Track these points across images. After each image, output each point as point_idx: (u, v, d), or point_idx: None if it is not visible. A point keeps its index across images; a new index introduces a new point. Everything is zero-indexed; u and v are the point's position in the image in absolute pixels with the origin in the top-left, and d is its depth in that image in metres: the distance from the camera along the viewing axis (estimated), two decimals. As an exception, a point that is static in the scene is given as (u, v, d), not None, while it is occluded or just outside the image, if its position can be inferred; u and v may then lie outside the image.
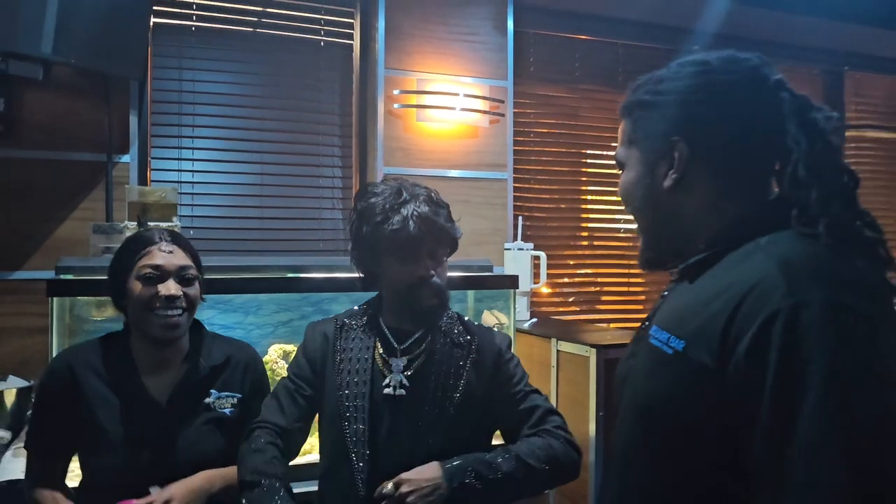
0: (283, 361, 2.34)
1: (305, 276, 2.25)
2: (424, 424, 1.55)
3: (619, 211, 3.70)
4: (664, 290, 1.14)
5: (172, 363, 1.68)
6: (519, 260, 2.86)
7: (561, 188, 3.70)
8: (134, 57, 2.64)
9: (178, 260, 1.63)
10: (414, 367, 1.62)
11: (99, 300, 2.18)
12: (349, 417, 1.56)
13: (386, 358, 1.63)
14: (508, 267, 2.87)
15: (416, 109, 3.17)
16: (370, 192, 1.62)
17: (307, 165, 3.18)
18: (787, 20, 3.92)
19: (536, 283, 2.93)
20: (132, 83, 2.78)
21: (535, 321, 2.87)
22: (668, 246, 1.10)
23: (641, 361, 1.04)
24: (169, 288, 1.59)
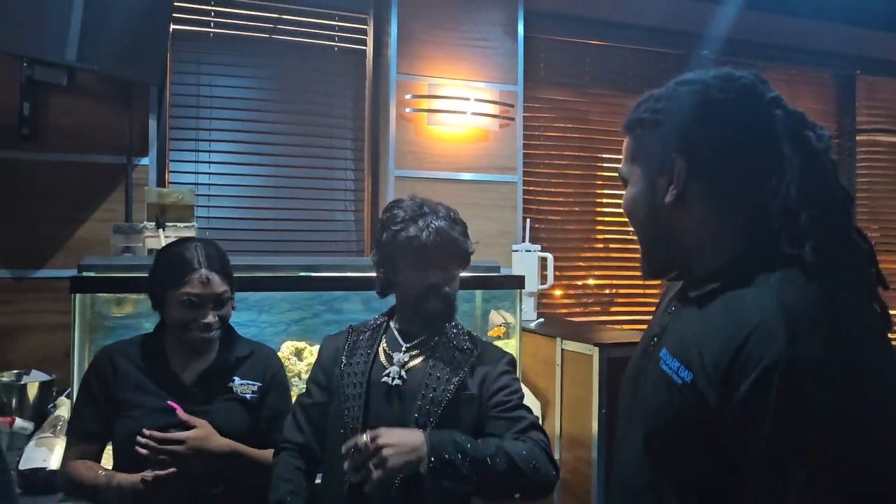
0: (294, 358, 2.42)
1: (317, 275, 2.31)
2: (416, 415, 1.61)
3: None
4: (669, 301, 1.17)
5: (202, 355, 1.83)
6: (526, 261, 2.92)
7: (575, 191, 3.74)
8: (154, 63, 2.74)
9: (215, 288, 1.75)
10: (415, 361, 1.71)
11: (118, 297, 2.26)
12: (348, 405, 1.66)
13: (389, 353, 1.72)
14: (516, 268, 2.93)
15: (427, 113, 3.23)
16: (396, 205, 1.75)
17: (320, 168, 3.26)
18: (798, 24, 3.96)
19: (544, 284, 2.97)
20: (152, 88, 2.87)
21: (541, 321, 2.92)
22: (668, 259, 1.13)
23: (651, 383, 1.07)
24: (206, 316, 1.74)
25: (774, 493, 0.85)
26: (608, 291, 3.79)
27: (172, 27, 2.95)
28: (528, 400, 2.54)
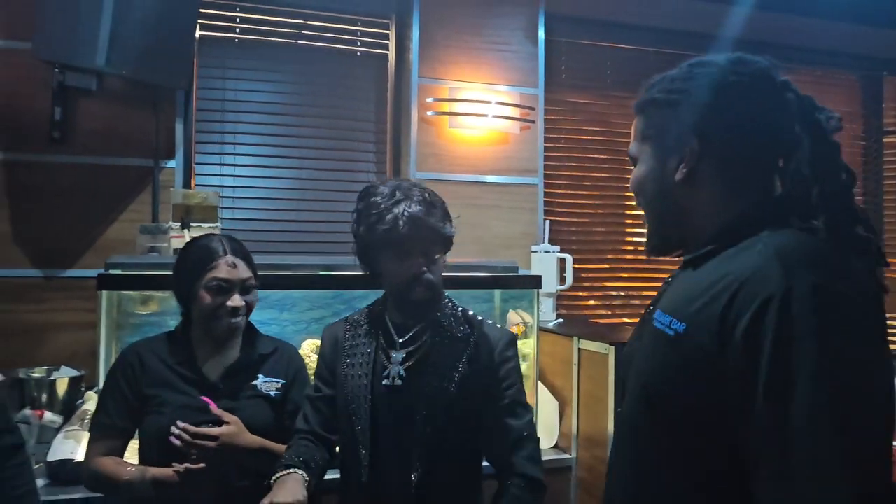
0: (314, 356, 2.45)
1: (336, 273, 2.35)
2: (420, 415, 1.62)
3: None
4: (668, 277, 1.20)
5: (227, 351, 1.86)
6: (545, 262, 2.93)
7: (599, 193, 3.74)
8: (180, 68, 2.81)
9: (241, 273, 1.81)
10: (413, 359, 1.69)
11: (144, 295, 2.33)
12: (354, 409, 1.66)
13: (387, 350, 1.71)
14: (535, 269, 2.94)
15: (448, 116, 3.26)
16: (369, 192, 1.69)
17: (343, 171, 3.30)
18: (822, 26, 3.92)
19: (563, 285, 2.98)
20: (178, 93, 2.94)
21: (560, 321, 2.93)
22: (675, 236, 1.16)
23: (645, 343, 1.10)
24: (234, 300, 1.78)
25: (780, 412, 0.86)
26: (636, 294, 3.78)
27: (199, 33, 3.03)
28: (545, 399, 2.57)
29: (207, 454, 1.67)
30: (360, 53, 3.34)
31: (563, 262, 2.98)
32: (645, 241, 1.21)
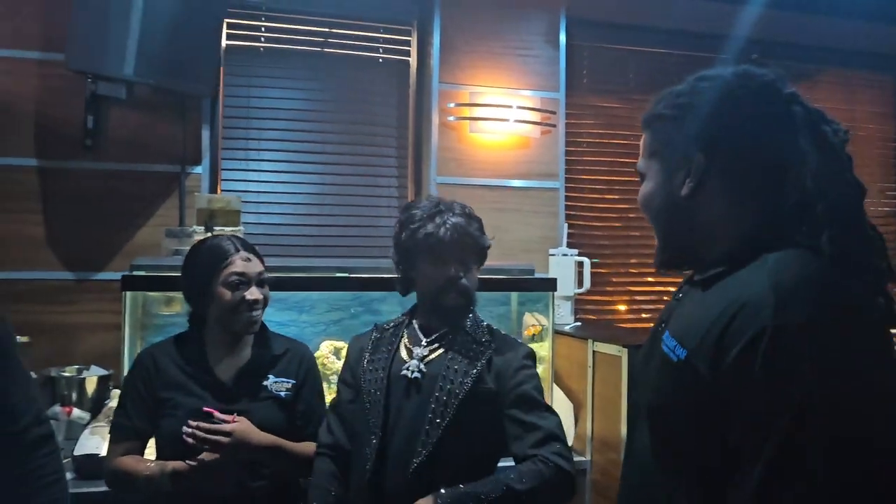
0: (333, 357, 2.51)
1: (353, 276, 2.40)
2: (434, 406, 1.67)
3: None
4: (678, 290, 1.20)
5: (239, 352, 1.91)
6: (563, 265, 2.94)
7: (621, 197, 3.73)
8: (207, 77, 2.89)
9: (256, 267, 1.87)
10: (434, 354, 1.76)
11: (167, 296, 2.40)
12: (370, 399, 1.73)
13: (410, 347, 1.79)
14: (553, 272, 2.95)
15: (468, 121, 3.30)
16: (412, 205, 1.83)
17: (365, 175, 3.36)
18: (852, 27, 3.86)
19: (580, 288, 2.99)
20: (205, 100, 3.03)
21: (578, 324, 2.94)
22: (683, 251, 1.15)
23: (654, 365, 1.10)
24: (253, 293, 1.84)
25: (757, 447, 0.88)
26: (662, 298, 3.76)
27: (225, 43, 3.11)
28: (560, 402, 2.58)
29: (220, 450, 1.72)
30: (381, 60, 3.39)
31: (581, 265, 2.98)
32: (654, 256, 1.21)
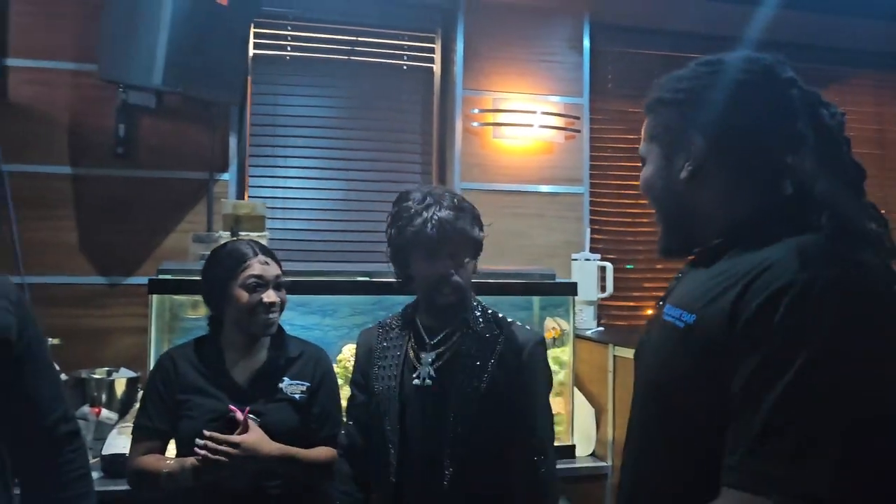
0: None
1: (374, 279, 2.42)
2: (452, 414, 1.66)
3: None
4: (678, 273, 1.20)
5: (255, 355, 1.94)
6: (585, 270, 2.94)
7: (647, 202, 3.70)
8: (234, 85, 2.96)
9: (273, 270, 1.91)
10: (442, 360, 1.73)
11: (193, 300, 2.45)
12: (384, 410, 1.72)
13: (417, 352, 1.76)
14: (575, 277, 2.94)
15: (492, 127, 3.31)
16: (402, 198, 1.77)
17: (390, 181, 3.38)
18: (882, 28, 3.80)
19: (603, 293, 2.98)
20: (232, 109, 3.10)
21: (601, 329, 2.93)
22: (684, 235, 1.16)
23: (654, 337, 1.11)
24: (270, 296, 1.88)
25: (765, 389, 0.87)
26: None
27: (252, 51, 3.18)
28: (582, 406, 2.58)
29: (231, 460, 1.74)
30: (406, 67, 3.43)
31: (603, 270, 2.98)
32: (657, 242, 1.21)
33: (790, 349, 0.87)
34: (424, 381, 1.71)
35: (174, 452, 1.90)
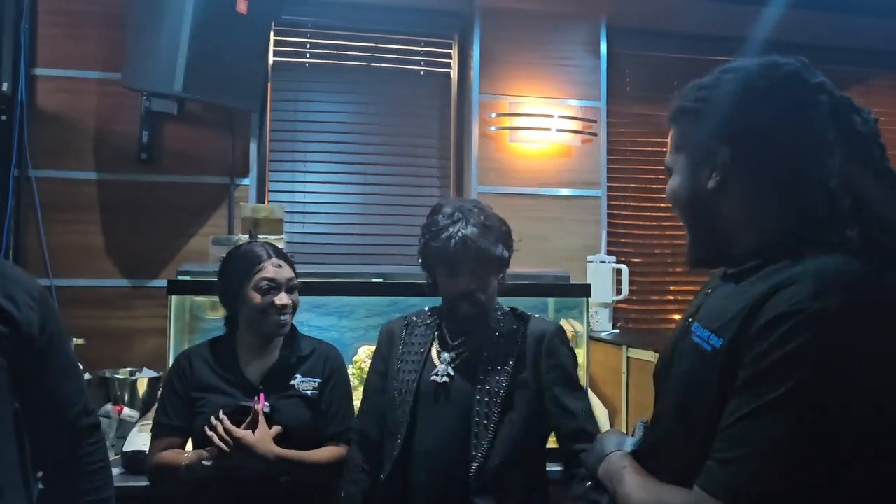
0: (370, 361, 2.57)
1: (389, 281, 2.46)
2: (478, 408, 1.70)
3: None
4: (706, 287, 1.19)
5: (268, 354, 1.99)
6: (601, 273, 2.94)
7: (665, 205, 3.68)
8: (254, 92, 3.02)
9: (286, 273, 1.96)
10: (462, 358, 1.79)
11: (213, 301, 2.50)
12: (399, 400, 1.77)
13: (440, 351, 1.82)
14: (591, 280, 2.95)
15: (509, 131, 3.34)
16: (435, 209, 1.83)
17: (408, 185, 3.43)
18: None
19: (618, 295, 2.99)
20: (253, 115, 3.16)
21: (616, 331, 2.93)
22: (712, 246, 1.14)
23: (683, 357, 1.09)
24: (282, 299, 1.92)
25: (752, 401, 0.89)
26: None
27: (272, 59, 3.24)
28: (596, 408, 2.58)
29: (231, 452, 1.79)
30: (423, 73, 3.47)
31: (619, 272, 2.98)
32: (686, 253, 1.19)
33: (770, 377, 0.89)
34: (442, 377, 1.76)
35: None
